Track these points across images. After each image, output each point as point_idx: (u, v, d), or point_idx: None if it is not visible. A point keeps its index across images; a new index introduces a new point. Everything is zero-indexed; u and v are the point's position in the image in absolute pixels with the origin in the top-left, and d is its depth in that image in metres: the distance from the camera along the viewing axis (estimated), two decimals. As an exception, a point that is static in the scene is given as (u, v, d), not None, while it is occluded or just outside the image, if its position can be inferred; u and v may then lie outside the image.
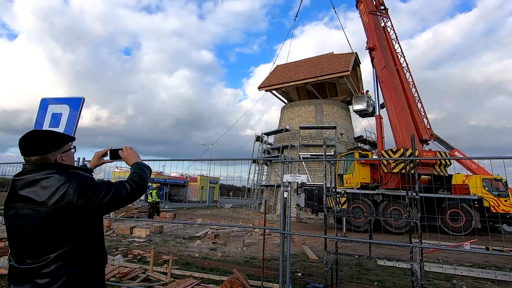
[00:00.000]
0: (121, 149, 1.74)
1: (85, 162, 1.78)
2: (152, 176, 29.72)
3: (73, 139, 1.54)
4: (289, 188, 3.67)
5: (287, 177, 3.63)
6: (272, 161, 21.77)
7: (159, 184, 22.13)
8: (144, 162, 1.70)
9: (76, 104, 2.80)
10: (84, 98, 2.78)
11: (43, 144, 1.36)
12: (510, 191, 12.69)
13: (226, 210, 25.59)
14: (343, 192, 11.71)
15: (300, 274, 5.50)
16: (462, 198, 12.21)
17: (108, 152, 1.79)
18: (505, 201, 12.46)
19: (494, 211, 12.26)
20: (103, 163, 1.84)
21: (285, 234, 3.65)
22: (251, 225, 13.00)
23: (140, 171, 1.53)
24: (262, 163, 26.24)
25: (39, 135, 1.40)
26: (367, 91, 23.06)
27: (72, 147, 1.54)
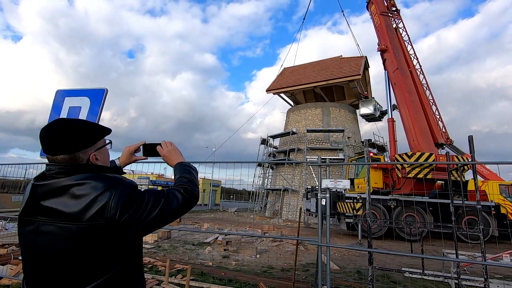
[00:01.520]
0: (159, 144, 1.35)
1: (114, 159, 1.36)
2: (154, 179, 29.49)
3: (109, 131, 1.15)
4: (327, 195, 3.29)
5: (326, 183, 3.24)
6: (309, 164, 20.73)
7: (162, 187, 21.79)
8: (188, 162, 1.32)
9: (98, 96, 2.42)
10: (107, 90, 2.41)
11: (75, 138, 0.99)
12: None
13: (230, 214, 25.14)
14: (358, 197, 11.30)
15: (325, 287, 5.08)
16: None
17: (141, 147, 1.40)
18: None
19: (511, 218, 11.87)
20: (135, 160, 1.44)
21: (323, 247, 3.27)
22: (263, 233, 12.60)
23: (189, 175, 1.16)
24: (268, 166, 25.81)
25: (69, 126, 1.01)
26: (373, 98, 22.73)
27: (107, 142, 1.16)
